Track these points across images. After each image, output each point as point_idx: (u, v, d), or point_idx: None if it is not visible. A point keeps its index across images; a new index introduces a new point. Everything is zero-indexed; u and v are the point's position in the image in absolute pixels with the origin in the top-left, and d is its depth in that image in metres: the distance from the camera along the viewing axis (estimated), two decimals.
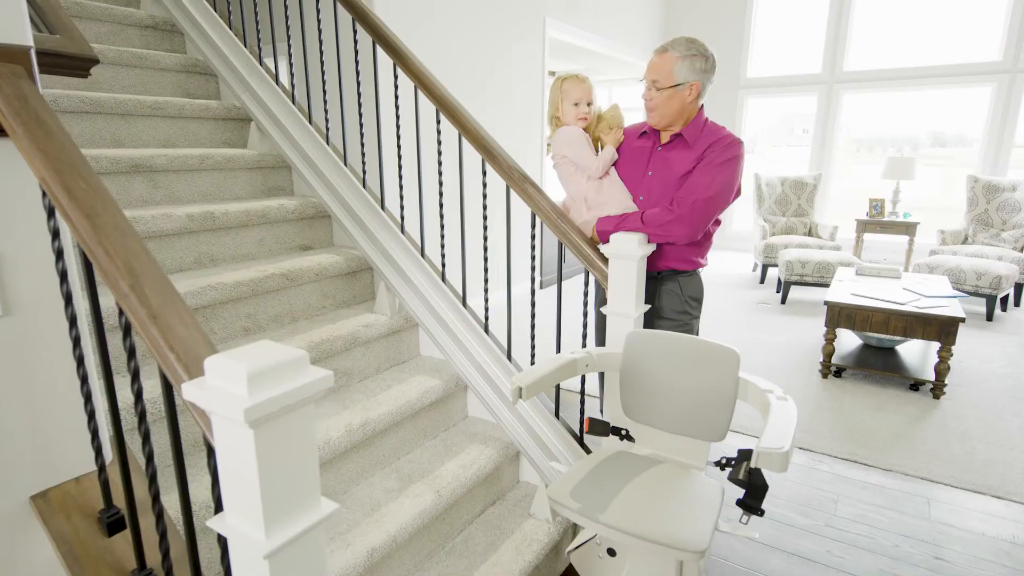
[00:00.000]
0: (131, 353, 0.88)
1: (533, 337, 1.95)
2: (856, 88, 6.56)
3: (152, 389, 1.39)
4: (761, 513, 1.38)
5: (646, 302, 1.80)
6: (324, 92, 2.21)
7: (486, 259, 1.95)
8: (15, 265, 0.99)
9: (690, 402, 1.50)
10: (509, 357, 1.99)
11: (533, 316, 1.93)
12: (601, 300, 1.96)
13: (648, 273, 1.78)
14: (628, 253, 1.65)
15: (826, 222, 6.30)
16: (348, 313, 2.04)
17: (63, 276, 0.97)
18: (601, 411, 2.05)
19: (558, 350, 1.89)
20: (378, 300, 2.08)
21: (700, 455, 1.54)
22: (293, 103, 2.31)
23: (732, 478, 1.42)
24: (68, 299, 0.98)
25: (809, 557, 1.98)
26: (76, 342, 1.00)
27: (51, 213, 0.96)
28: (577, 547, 1.63)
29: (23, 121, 0.87)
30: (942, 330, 3.07)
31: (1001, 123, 6.00)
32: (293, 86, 2.31)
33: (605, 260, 1.72)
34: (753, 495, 1.40)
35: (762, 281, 5.90)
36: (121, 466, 0.98)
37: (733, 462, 1.46)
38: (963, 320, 3.02)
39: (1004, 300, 4.87)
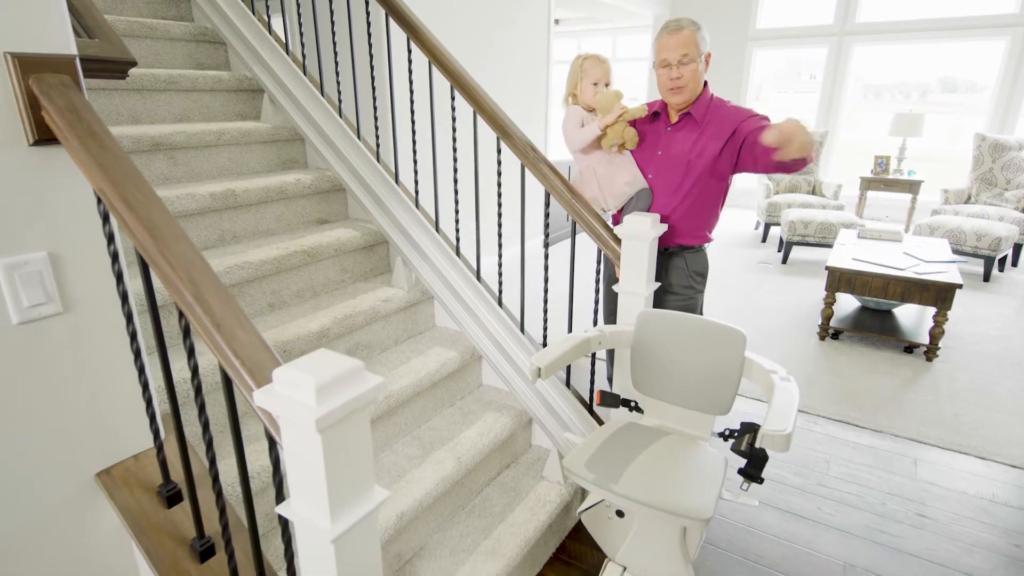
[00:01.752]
0: (190, 352, 0.95)
1: (546, 312, 2.02)
2: (867, 40, 6.41)
3: (206, 363, 1.47)
4: (761, 481, 1.49)
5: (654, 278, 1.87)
6: (336, 64, 2.20)
7: (500, 235, 2.01)
8: (71, 265, 1.05)
9: (697, 378, 1.59)
10: (522, 329, 2.07)
11: (546, 292, 2.00)
12: (609, 273, 2.03)
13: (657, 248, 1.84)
14: (641, 234, 1.70)
15: (830, 180, 6.29)
16: (366, 287, 2.11)
17: (119, 277, 1.04)
18: (609, 380, 2.16)
19: (570, 329, 1.98)
20: (395, 274, 2.14)
21: (705, 427, 1.64)
22: (304, 74, 2.30)
23: (735, 449, 1.53)
24: (124, 298, 1.05)
25: (801, 514, 2.12)
26: (133, 336, 1.08)
27: (105, 218, 1.01)
28: (587, 508, 1.76)
29: (77, 134, 0.92)
30: (939, 296, 3.15)
31: (1013, 77, 5.90)
32: (304, 56, 2.30)
33: (617, 240, 1.78)
34: (754, 465, 1.50)
35: (764, 240, 5.95)
36: (180, 450, 1.07)
37: (736, 434, 1.56)
38: (960, 286, 3.10)
39: (1002, 261, 4.94)
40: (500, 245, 2.01)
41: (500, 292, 2.09)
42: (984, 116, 6.17)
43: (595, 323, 1.97)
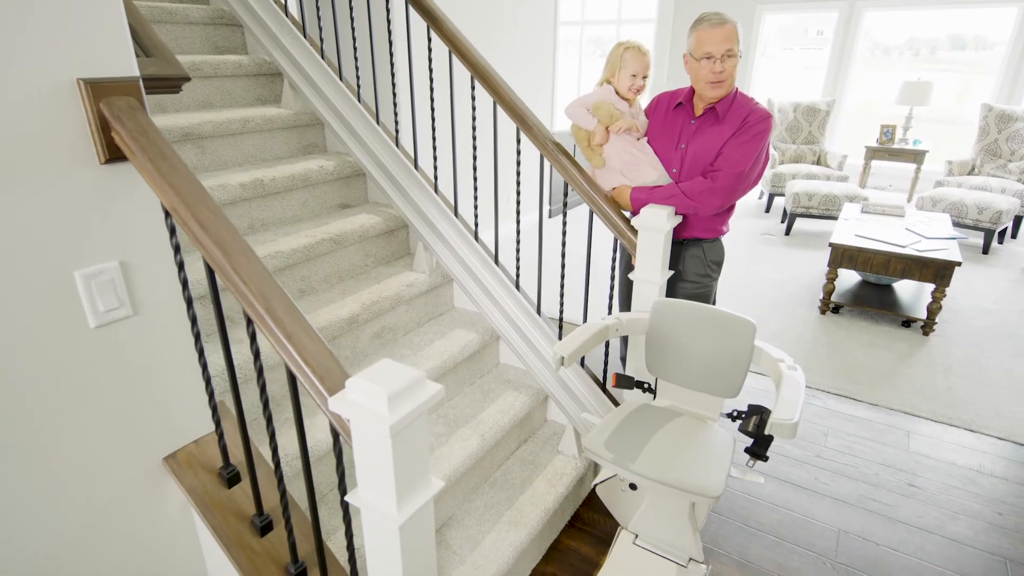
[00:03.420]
0: (256, 355, 1.05)
1: (562, 296, 2.11)
2: (878, 5, 6.31)
3: (244, 353, 1.57)
4: (766, 459, 1.61)
5: (670, 267, 1.96)
6: (354, 48, 2.23)
7: (518, 222, 2.08)
8: (139, 272, 1.13)
9: (709, 364, 1.69)
10: (539, 311, 2.17)
11: (563, 277, 2.08)
12: (625, 261, 2.11)
13: (672, 239, 1.92)
14: (657, 226, 1.78)
15: (836, 150, 6.30)
16: (388, 271, 2.19)
17: (184, 284, 1.12)
18: (621, 360, 2.27)
19: (585, 308, 2.08)
20: (416, 259, 2.22)
21: (715, 408, 1.75)
22: (322, 58, 2.33)
23: (743, 429, 1.65)
24: (189, 303, 1.14)
25: (799, 484, 2.26)
26: (197, 337, 1.17)
27: (172, 231, 1.09)
28: (602, 481, 1.89)
29: (150, 157, 0.99)
30: (938, 273, 3.24)
31: None
32: (322, 40, 2.32)
33: (634, 230, 1.86)
34: (760, 444, 1.62)
35: (767, 210, 6.00)
36: (243, 440, 1.18)
37: (744, 415, 1.68)
38: (959, 264, 3.19)
39: (1002, 233, 5.01)
40: (518, 232, 2.09)
41: (518, 276, 2.17)
42: (994, 76, 6.10)
43: (610, 308, 2.06)
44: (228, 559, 1.24)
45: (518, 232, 2.10)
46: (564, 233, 2.02)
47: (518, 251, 2.12)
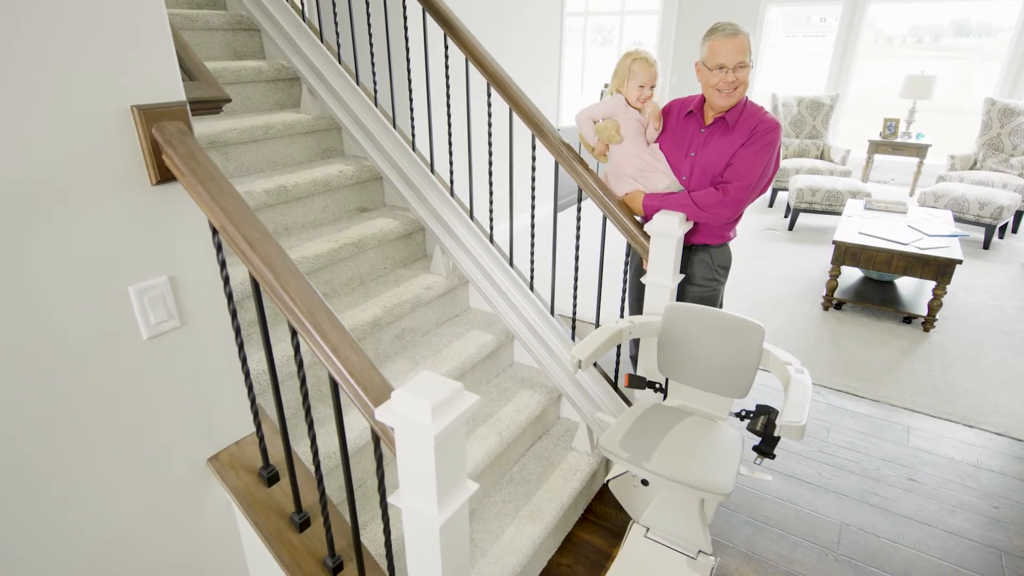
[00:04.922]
0: (300, 365, 1.12)
1: (575, 297, 2.18)
2: None
3: (278, 357, 1.64)
4: (773, 457, 1.68)
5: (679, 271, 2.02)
6: (372, 53, 2.27)
7: (533, 225, 2.14)
8: (186, 285, 1.20)
9: (719, 366, 1.76)
10: (552, 312, 2.23)
11: (576, 279, 2.15)
12: (636, 264, 2.18)
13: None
14: (669, 232, 1.84)
15: (839, 144, 6.33)
16: (407, 274, 2.26)
17: (229, 297, 1.19)
18: (632, 359, 2.34)
19: (597, 323, 2.14)
20: (434, 261, 2.28)
21: (723, 407, 1.83)
22: (340, 63, 2.38)
23: (751, 428, 1.72)
24: (234, 315, 1.21)
25: (803, 478, 2.34)
26: (240, 347, 1.24)
27: (219, 248, 1.15)
28: (615, 477, 1.97)
29: (200, 179, 1.05)
30: (939, 271, 3.31)
31: None
32: (339, 45, 2.37)
33: (646, 235, 1.92)
34: (768, 443, 1.70)
35: (771, 205, 6.05)
36: (284, 444, 1.25)
37: (752, 415, 1.75)
38: (960, 262, 3.25)
39: (1003, 228, 5.07)
40: (532, 235, 2.15)
41: (532, 278, 2.24)
42: (998, 63, 6.10)
43: (622, 307, 2.13)
44: (269, 553, 1.32)
45: (532, 236, 2.17)
46: (578, 238, 2.08)
47: (532, 254, 2.18)
